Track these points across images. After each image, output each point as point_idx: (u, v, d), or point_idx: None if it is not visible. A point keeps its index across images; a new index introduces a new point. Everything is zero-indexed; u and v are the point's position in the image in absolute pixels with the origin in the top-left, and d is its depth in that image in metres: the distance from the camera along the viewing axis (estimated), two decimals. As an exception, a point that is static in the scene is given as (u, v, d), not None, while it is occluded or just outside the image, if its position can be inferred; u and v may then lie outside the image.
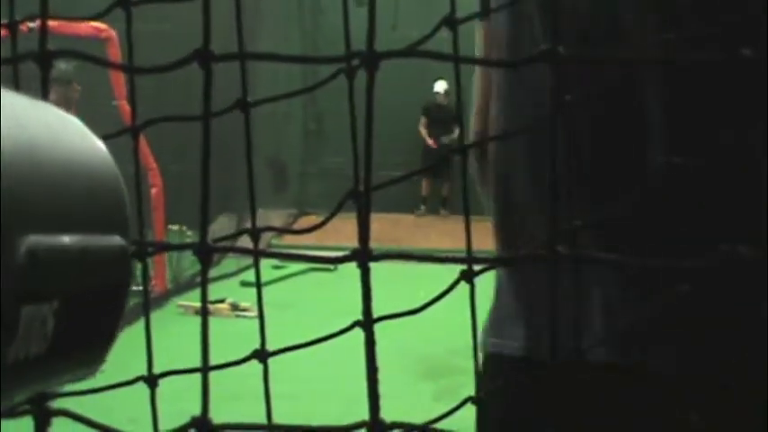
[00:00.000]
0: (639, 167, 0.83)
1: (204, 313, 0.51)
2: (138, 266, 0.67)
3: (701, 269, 0.45)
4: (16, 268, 0.32)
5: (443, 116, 12.78)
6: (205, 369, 0.51)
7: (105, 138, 0.73)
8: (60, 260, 0.35)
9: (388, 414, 0.66)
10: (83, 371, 0.39)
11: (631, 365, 0.86)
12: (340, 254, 0.50)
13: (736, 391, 0.81)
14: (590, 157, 0.86)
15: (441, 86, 12.85)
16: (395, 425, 0.44)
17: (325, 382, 5.28)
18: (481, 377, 0.75)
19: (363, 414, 0.65)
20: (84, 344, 0.39)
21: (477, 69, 1.02)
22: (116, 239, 0.39)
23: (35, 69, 0.51)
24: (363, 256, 0.41)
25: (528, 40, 0.88)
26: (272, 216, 10.60)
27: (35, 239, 0.33)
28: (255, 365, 0.78)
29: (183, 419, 0.58)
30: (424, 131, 13.18)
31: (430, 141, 13.02)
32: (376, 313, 0.66)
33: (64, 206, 0.36)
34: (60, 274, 0.35)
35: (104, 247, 0.38)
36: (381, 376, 0.64)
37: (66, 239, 0.35)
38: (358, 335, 0.68)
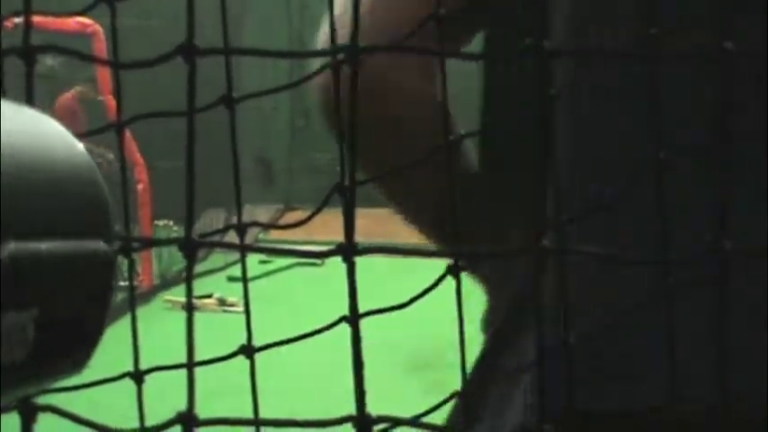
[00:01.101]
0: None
1: (190, 308, 0.51)
2: (124, 262, 0.67)
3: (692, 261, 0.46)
4: None
5: None
6: (191, 365, 0.51)
7: (91, 133, 0.73)
8: (41, 267, 0.34)
9: (376, 408, 0.67)
10: (66, 375, 0.39)
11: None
12: (327, 248, 0.50)
13: None
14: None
15: None
16: (381, 419, 0.44)
17: (312, 377, 5.29)
18: None
19: (350, 408, 0.65)
20: (68, 349, 0.39)
21: None
22: (99, 244, 0.39)
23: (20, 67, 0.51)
24: (349, 251, 0.41)
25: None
26: (259, 211, 10.59)
27: (15, 246, 0.33)
28: (242, 361, 0.78)
29: (170, 415, 0.58)
30: None
31: None
32: (364, 308, 0.66)
33: (44, 211, 0.35)
34: (41, 281, 0.35)
35: (87, 252, 0.38)
36: (369, 371, 0.64)
37: (46, 246, 0.35)
38: (345, 329, 0.68)
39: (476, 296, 1.06)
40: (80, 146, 0.40)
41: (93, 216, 0.39)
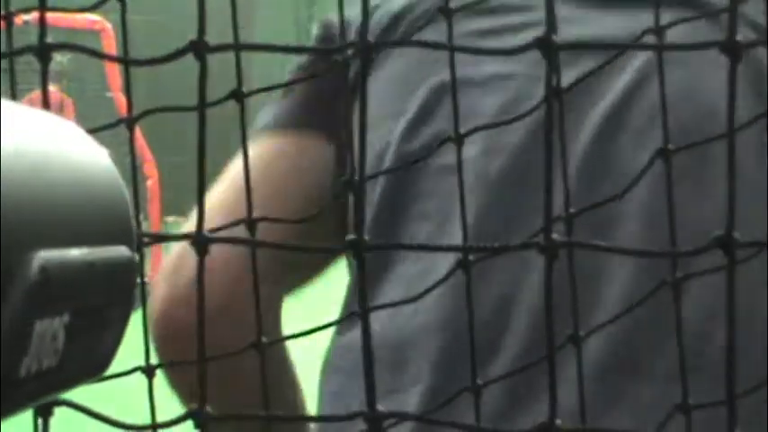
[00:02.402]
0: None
1: (200, 304, 0.51)
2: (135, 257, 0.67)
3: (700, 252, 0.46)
4: (29, 285, 0.32)
5: None
6: (201, 360, 0.51)
7: (100, 129, 0.73)
8: (70, 274, 0.35)
9: (385, 403, 0.67)
10: (89, 378, 0.40)
11: None
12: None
13: None
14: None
15: None
16: (391, 414, 0.44)
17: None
18: None
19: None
20: (93, 353, 0.39)
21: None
22: (122, 249, 0.39)
23: (27, 64, 0.51)
24: (359, 246, 0.41)
25: None
26: (268, 207, 10.55)
27: (46, 255, 0.33)
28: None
29: (176, 410, 0.59)
30: None
31: None
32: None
33: (70, 218, 0.36)
34: (70, 288, 0.35)
35: (111, 258, 0.38)
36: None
37: (74, 253, 0.35)
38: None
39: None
40: (103, 150, 0.40)
41: (117, 221, 0.39)
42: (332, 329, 0.78)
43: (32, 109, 0.37)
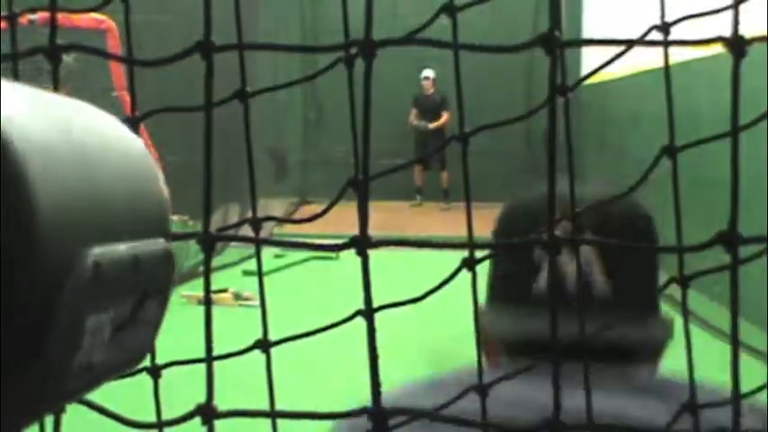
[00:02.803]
0: None
1: (208, 302, 0.52)
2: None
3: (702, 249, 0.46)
4: (83, 281, 0.32)
5: (430, 105, 12.77)
6: (209, 359, 0.51)
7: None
8: (118, 268, 0.35)
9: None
10: (127, 370, 0.40)
11: None
12: (341, 242, 0.51)
13: None
14: None
15: (427, 74, 12.80)
16: (396, 410, 0.44)
17: (326, 371, 5.30)
18: None
19: (366, 400, 0.66)
20: (133, 345, 0.39)
21: None
22: (160, 242, 0.39)
23: (32, 63, 0.51)
24: (362, 243, 0.41)
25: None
26: (273, 205, 10.60)
27: (97, 251, 0.33)
28: (257, 355, 0.79)
29: (180, 408, 0.59)
30: (415, 122, 13.07)
31: (417, 122, 12.90)
32: (378, 301, 0.66)
33: (117, 213, 0.36)
34: (118, 283, 0.35)
35: (152, 251, 0.38)
36: (383, 363, 0.65)
37: (121, 247, 0.35)
38: (360, 322, 0.68)
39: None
40: (141, 144, 0.40)
41: (156, 213, 0.40)
42: (332, 330, 0.78)
43: (74, 100, 0.37)
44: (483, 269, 0.73)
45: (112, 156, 0.37)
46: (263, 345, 0.77)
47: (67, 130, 0.34)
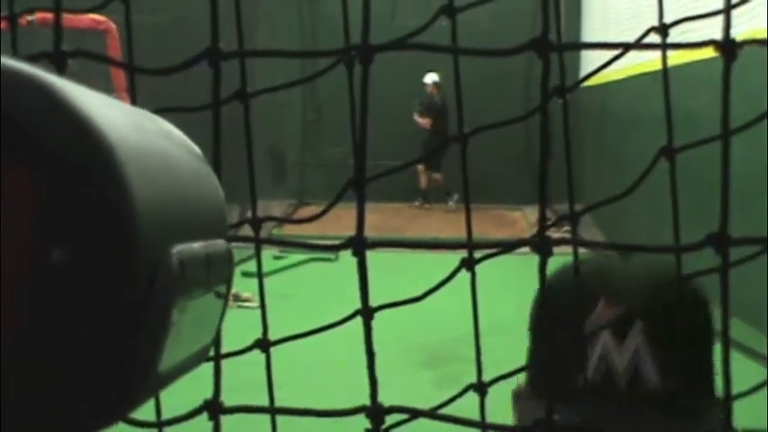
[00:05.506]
0: None
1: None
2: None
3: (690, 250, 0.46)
4: (170, 279, 0.33)
5: (433, 108, 12.77)
6: (217, 357, 0.51)
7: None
8: (196, 267, 0.36)
9: (389, 401, 0.67)
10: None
11: None
12: (339, 242, 0.51)
13: None
14: None
15: (430, 78, 12.80)
16: (392, 409, 0.45)
17: (325, 370, 5.29)
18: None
19: (364, 400, 0.66)
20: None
21: None
22: (221, 242, 0.40)
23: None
24: (360, 244, 0.41)
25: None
26: (272, 206, 10.59)
27: (180, 249, 0.34)
28: (256, 355, 0.79)
29: (183, 407, 0.59)
30: (420, 121, 13.06)
31: (424, 122, 12.91)
32: (377, 301, 0.67)
33: (192, 213, 0.37)
34: (195, 280, 0.37)
35: (218, 250, 0.39)
36: (383, 364, 0.65)
37: (197, 246, 0.36)
38: (359, 323, 0.68)
39: (489, 289, 1.06)
40: (197, 148, 0.41)
41: (219, 215, 0.41)
42: (332, 330, 0.78)
43: (134, 107, 0.38)
44: (483, 269, 0.74)
45: (184, 159, 0.38)
46: (263, 344, 0.77)
47: (148, 134, 0.35)
